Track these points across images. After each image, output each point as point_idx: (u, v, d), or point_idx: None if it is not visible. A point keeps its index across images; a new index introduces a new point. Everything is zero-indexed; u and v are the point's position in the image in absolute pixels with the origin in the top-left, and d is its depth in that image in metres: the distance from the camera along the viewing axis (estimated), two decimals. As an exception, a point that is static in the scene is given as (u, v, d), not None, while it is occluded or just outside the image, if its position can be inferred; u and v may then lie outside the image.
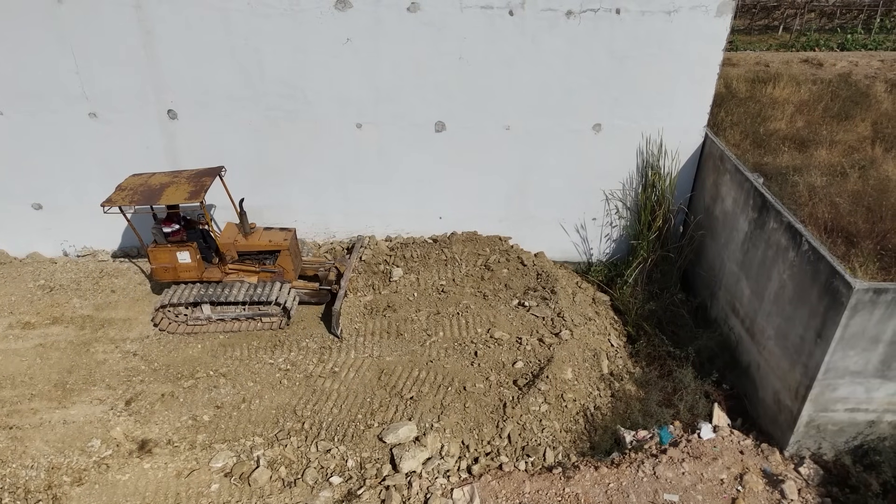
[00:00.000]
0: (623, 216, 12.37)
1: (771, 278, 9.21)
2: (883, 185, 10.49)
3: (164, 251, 10.45)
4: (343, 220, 12.29)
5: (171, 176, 10.59)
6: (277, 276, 11.05)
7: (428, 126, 11.49)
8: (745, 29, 20.36)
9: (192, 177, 10.52)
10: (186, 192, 10.04)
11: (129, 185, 10.44)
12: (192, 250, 10.46)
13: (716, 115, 12.62)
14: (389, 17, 10.44)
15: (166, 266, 10.54)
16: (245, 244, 10.96)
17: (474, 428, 9.06)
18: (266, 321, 10.77)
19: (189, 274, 10.65)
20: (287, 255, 11.01)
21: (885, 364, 7.94)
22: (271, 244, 10.95)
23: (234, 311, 10.75)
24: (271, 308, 10.69)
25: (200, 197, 9.86)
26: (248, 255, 11.06)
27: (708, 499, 8.21)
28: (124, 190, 10.28)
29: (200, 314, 10.72)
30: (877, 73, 15.92)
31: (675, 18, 10.35)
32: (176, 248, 10.42)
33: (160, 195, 10.00)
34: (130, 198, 10.05)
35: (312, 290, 11.34)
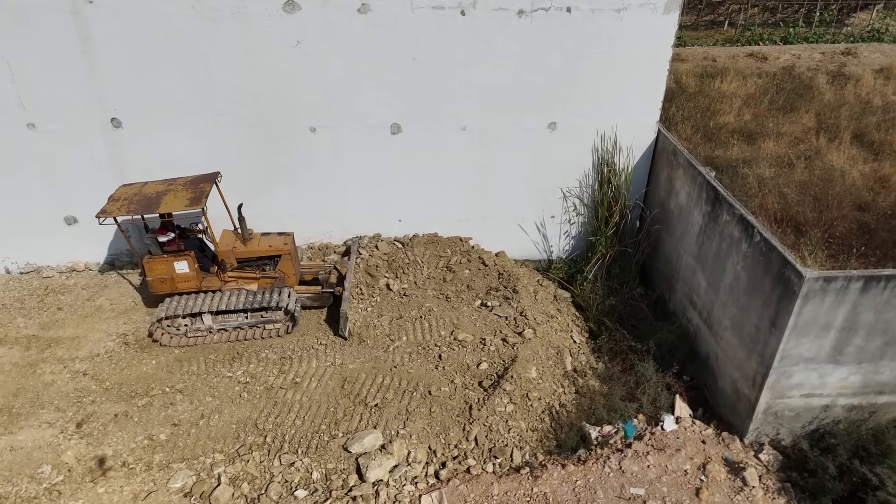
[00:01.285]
0: (581, 213, 12.47)
1: (726, 270, 9.39)
2: (828, 174, 10.84)
3: (161, 262, 10.10)
4: (299, 225, 12.04)
5: (166, 184, 10.27)
6: (279, 281, 10.82)
7: (383, 128, 11.36)
8: (692, 25, 20.81)
9: (188, 184, 10.21)
10: (186, 199, 9.73)
11: (121, 195, 10.08)
12: (190, 260, 10.15)
13: (667, 111, 12.84)
14: (339, 18, 10.26)
15: (163, 277, 10.20)
16: (245, 251, 10.71)
17: (441, 432, 8.98)
18: (270, 328, 10.50)
19: (187, 284, 10.34)
20: (288, 260, 10.81)
21: (836, 350, 8.17)
22: (272, 249, 10.74)
23: (237, 319, 10.47)
24: (275, 314, 10.46)
25: (202, 203, 9.60)
26: (248, 262, 10.82)
27: (673, 490, 8.32)
28: (118, 200, 9.91)
29: (201, 325, 10.39)
30: (818, 66, 16.45)
31: (625, 16, 10.47)
32: (173, 258, 10.09)
33: (158, 203, 9.68)
34: (127, 208, 9.71)
35: (315, 294, 11.12)
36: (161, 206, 9.68)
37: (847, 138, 12.11)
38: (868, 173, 10.88)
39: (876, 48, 18.12)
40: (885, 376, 8.44)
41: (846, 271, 7.69)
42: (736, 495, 8.24)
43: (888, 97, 14.29)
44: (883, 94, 14.44)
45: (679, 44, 17.70)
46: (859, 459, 8.17)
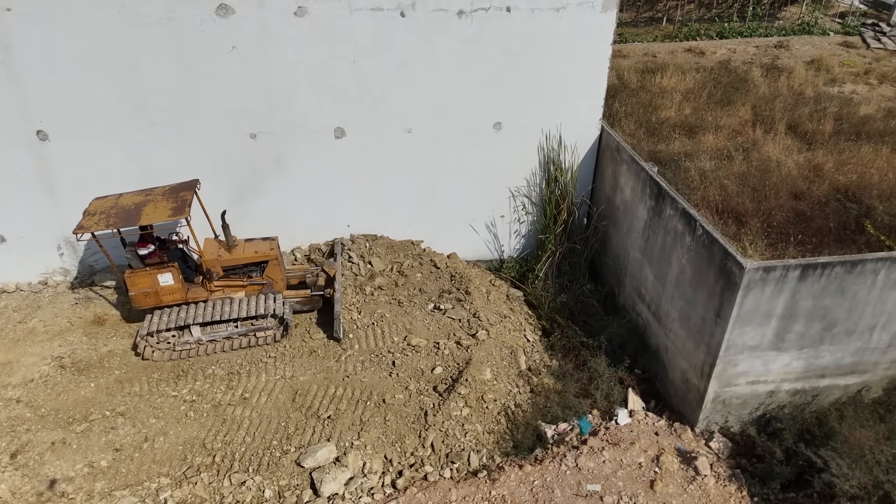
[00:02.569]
0: (529, 212, 12.51)
1: (671, 263, 9.55)
2: (765, 165, 11.13)
3: (144, 276, 9.73)
4: (241, 236, 11.70)
5: (143, 195, 9.92)
6: (266, 287, 10.52)
7: (327, 133, 11.14)
8: (631, 21, 21.16)
9: (167, 193, 9.84)
10: (168, 209, 9.41)
11: (97, 208, 9.69)
12: (174, 271, 9.83)
13: (611, 107, 12.99)
14: (276, 22, 10.00)
15: (147, 291, 9.83)
16: (230, 258, 10.41)
17: (396, 441, 8.85)
18: (261, 335, 10.24)
19: (173, 297, 10.01)
20: (275, 265, 10.58)
21: (778, 337, 8.39)
22: (258, 255, 10.49)
23: (226, 329, 10.16)
24: (266, 321, 10.22)
25: (185, 212, 9.29)
26: (234, 270, 10.50)
27: (628, 484, 8.40)
28: (94, 215, 9.51)
29: (189, 337, 10.05)
30: (753, 59, 16.94)
31: (564, 15, 10.52)
32: (156, 270, 9.75)
33: (139, 215, 9.34)
34: (105, 222, 9.34)
35: (305, 298, 10.90)
36: (142, 217, 9.32)
37: (782, 129, 12.47)
38: (802, 163, 11.22)
39: (806, 41, 18.79)
40: (825, 360, 8.72)
41: (784, 261, 7.90)
42: (689, 485, 8.37)
43: (819, 88, 14.81)
44: (814, 85, 14.95)
45: (620, 40, 18.00)
46: (804, 443, 8.42)
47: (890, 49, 18.10)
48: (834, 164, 11.05)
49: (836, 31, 19.66)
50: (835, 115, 12.91)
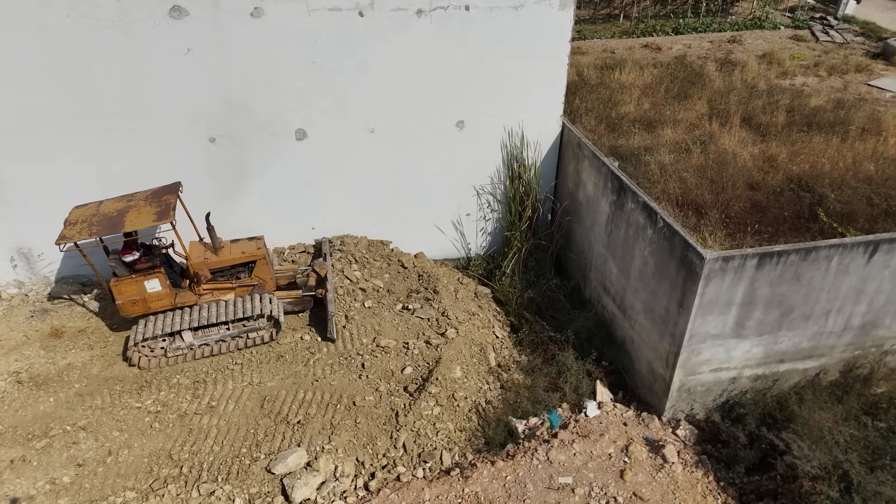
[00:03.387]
0: (495, 209, 12.57)
1: (634, 256, 9.70)
2: (722, 157, 11.39)
3: (130, 283, 9.49)
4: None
5: (125, 201, 9.67)
6: (257, 288, 10.39)
7: (288, 135, 11.01)
8: (589, 19, 21.44)
9: (149, 198, 9.61)
10: (152, 214, 9.19)
11: (78, 217, 9.43)
12: (161, 277, 9.60)
13: (571, 103, 13.13)
14: (232, 23, 9.83)
15: (134, 299, 9.61)
16: (217, 260, 10.20)
17: (368, 443, 8.81)
18: (253, 336, 10.15)
19: (161, 303, 9.81)
20: (264, 265, 10.42)
21: (738, 325, 8.60)
22: (245, 255, 10.30)
23: (218, 332, 10.00)
24: (259, 322, 10.11)
25: (170, 216, 9.08)
26: (221, 272, 10.30)
27: (599, 475, 8.52)
28: (75, 224, 9.24)
29: (181, 343, 9.86)
30: (707, 54, 17.32)
31: (522, 13, 10.59)
32: (143, 277, 9.52)
33: (122, 222, 9.13)
34: (88, 230, 9.09)
35: (296, 299, 10.81)
36: (126, 224, 9.11)
37: (737, 122, 12.78)
38: (757, 154, 11.52)
39: (758, 35, 19.30)
40: (783, 346, 8.97)
41: (742, 250, 8.10)
42: (657, 473, 8.53)
43: (771, 81, 15.22)
44: (766, 78, 15.36)
45: (579, 37, 18.22)
46: (766, 427, 8.65)
47: (838, 42, 18.71)
48: (787, 155, 11.37)
49: (787, 26, 20.24)
50: (787, 107, 13.29)
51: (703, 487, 8.42)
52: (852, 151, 11.40)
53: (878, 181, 10.41)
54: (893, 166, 10.87)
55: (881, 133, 12.09)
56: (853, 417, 8.64)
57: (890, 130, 12.18)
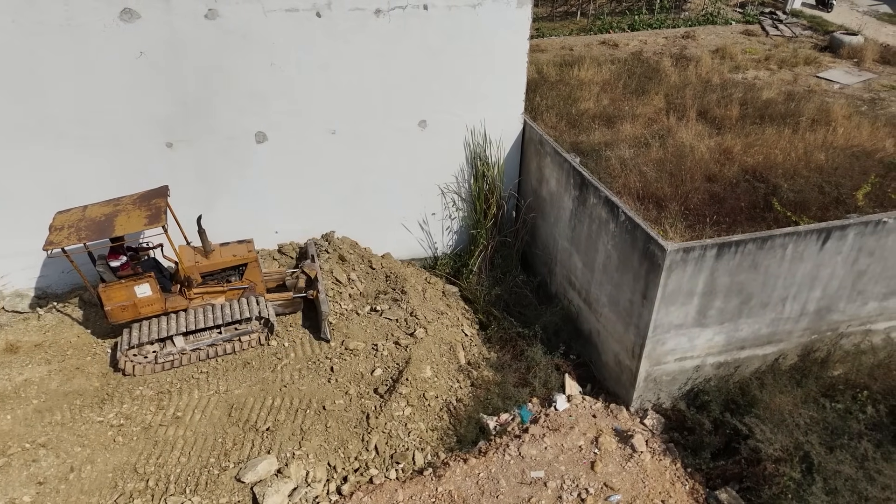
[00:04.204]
0: (460, 208, 12.60)
1: (598, 250, 9.84)
2: (680, 150, 11.62)
3: (119, 288, 9.28)
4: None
5: (111, 205, 9.51)
6: (247, 291, 10.30)
7: (247, 138, 10.84)
8: (547, 16, 21.64)
9: (137, 202, 9.46)
10: (143, 217, 9.06)
11: (63, 222, 9.23)
12: (152, 282, 9.43)
13: (532, 100, 13.24)
14: (186, 26, 9.64)
15: (124, 304, 9.39)
16: (208, 264, 10.05)
17: (339, 447, 8.74)
18: (246, 339, 10.09)
19: (151, 308, 9.61)
20: (255, 267, 10.34)
21: (701, 314, 8.80)
22: (236, 258, 10.18)
23: (210, 336, 9.88)
24: (251, 325, 10.04)
25: (162, 220, 8.96)
26: (212, 276, 10.20)
27: (570, 468, 8.62)
28: (62, 229, 9.05)
29: (172, 348, 9.73)
30: (663, 50, 17.66)
31: (481, 11, 10.63)
32: (133, 282, 9.32)
33: (112, 226, 8.96)
34: (76, 235, 8.91)
35: (287, 301, 10.74)
36: (116, 228, 8.93)
37: (693, 116, 13.06)
38: (713, 147, 11.78)
39: (711, 30, 19.75)
40: (743, 333, 9.21)
41: (702, 241, 8.29)
42: (627, 462, 8.67)
43: (725, 75, 15.59)
44: (720, 72, 15.73)
45: (537, 35, 18.37)
46: (730, 412, 8.87)
47: (787, 36, 19.28)
48: (742, 147, 11.66)
49: (738, 21, 20.76)
50: (740, 100, 13.63)
51: (672, 474, 8.59)
52: (803, 142, 11.76)
53: (829, 170, 10.76)
54: (843, 156, 11.25)
55: (830, 123, 12.50)
56: (812, 400, 8.92)
57: (838, 121, 12.59)
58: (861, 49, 17.15)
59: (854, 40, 17.47)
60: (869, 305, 9.60)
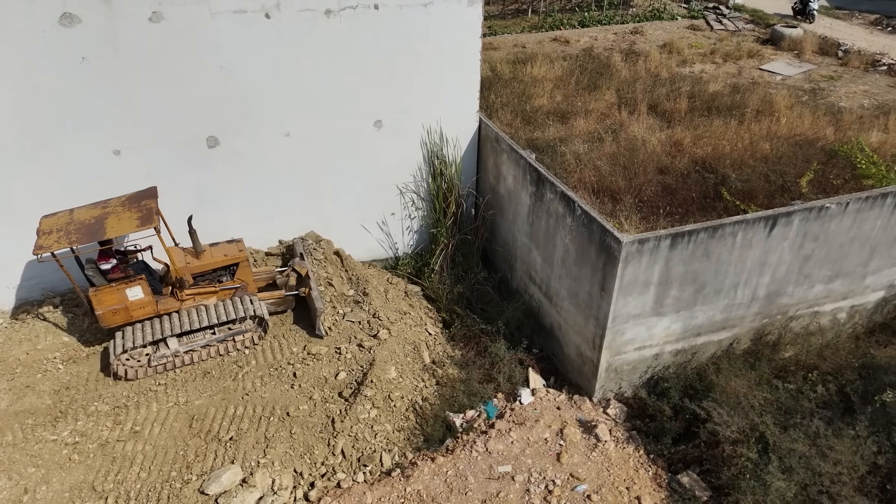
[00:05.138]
0: (419, 207, 12.60)
1: (556, 244, 9.96)
2: (632, 144, 11.89)
3: (111, 292, 9.17)
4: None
5: (99, 207, 9.34)
6: (239, 290, 10.26)
7: (199, 143, 10.60)
8: (499, 14, 21.81)
9: (126, 203, 9.32)
10: (134, 219, 8.96)
11: (51, 226, 9.02)
12: (144, 284, 9.33)
13: (487, 98, 13.35)
14: (129, 30, 9.36)
15: (116, 308, 9.29)
16: (199, 265, 9.97)
17: (305, 452, 8.65)
18: (240, 339, 10.08)
19: (143, 311, 9.55)
20: (246, 267, 10.33)
21: (657, 303, 9.01)
22: (228, 258, 10.13)
23: (204, 337, 9.82)
24: (245, 325, 10.02)
25: (154, 221, 8.88)
26: (203, 276, 10.11)
27: (537, 461, 8.72)
28: (51, 233, 8.85)
29: (166, 350, 9.64)
30: (613, 45, 18.00)
31: (432, 10, 10.64)
32: (125, 285, 9.22)
33: (103, 228, 8.85)
34: (67, 238, 8.72)
35: (279, 299, 10.73)
36: (108, 230, 8.81)
37: (644, 110, 13.38)
38: (664, 140, 12.10)
39: (658, 26, 20.23)
40: (699, 320, 9.47)
41: (656, 232, 8.48)
42: (592, 452, 8.82)
43: (673, 69, 16.00)
44: (668, 66, 16.13)
45: (489, 33, 18.49)
46: (689, 398, 9.11)
47: (731, 30, 19.87)
48: (691, 139, 12.00)
49: (683, 16, 21.31)
50: (688, 93, 14.02)
51: (635, 461, 8.77)
52: (749, 133, 12.17)
53: (774, 159, 11.16)
54: (786, 145, 11.69)
55: (774, 114, 12.96)
56: (765, 382, 9.24)
57: (782, 111, 13.07)
58: (801, 41, 17.81)
59: (794, 33, 18.13)
60: (815, 288, 9.98)
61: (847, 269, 9.97)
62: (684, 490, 8.34)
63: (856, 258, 9.90)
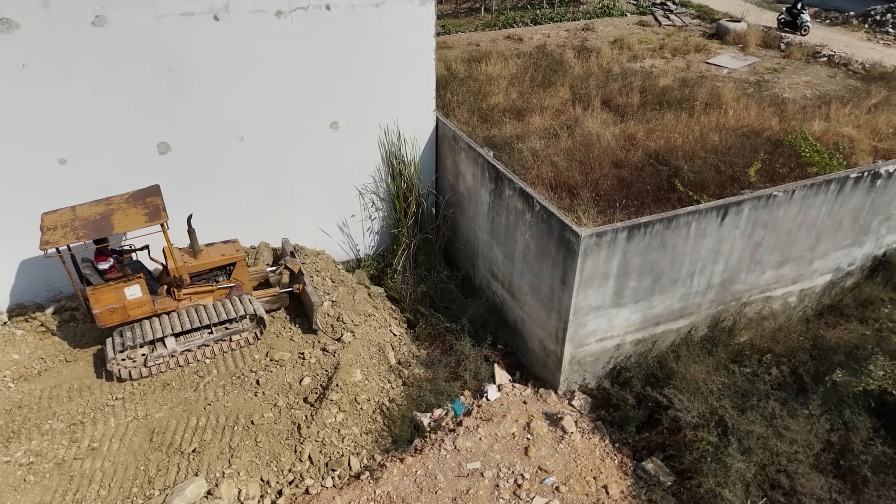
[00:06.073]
0: (379, 208, 12.54)
1: (517, 240, 10.05)
2: (587, 139, 12.05)
3: (109, 291, 9.11)
4: (62, 275, 10.60)
5: (103, 204, 9.37)
6: (234, 290, 10.29)
7: (149, 150, 10.33)
8: (452, 13, 21.87)
9: (131, 200, 9.37)
10: (142, 215, 9.00)
11: (55, 222, 8.96)
12: (142, 283, 9.31)
13: (443, 97, 13.35)
14: (72, 34, 9.06)
15: (113, 307, 9.22)
16: (197, 264, 9.99)
17: (271, 460, 8.52)
18: (237, 339, 10.08)
19: (141, 310, 9.50)
20: (242, 267, 10.38)
21: (617, 294, 9.17)
22: (225, 258, 10.18)
23: (201, 337, 9.82)
24: (242, 324, 10.03)
25: (162, 217, 8.93)
26: (199, 276, 10.12)
27: (505, 456, 8.79)
28: (55, 229, 8.81)
29: (163, 350, 9.56)
30: (565, 42, 18.23)
31: (384, 10, 10.60)
32: (123, 284, 9.17)
33: (110, 224, 8.88)
34: (74, 234, 8.73)
35: (274, 297, 10.81)
36: (115, 226, 8.84)
37: (597, 105, 13.58)
38: (618, 134, 12.31)
39: (609, 22, 20.58)
40: (657, 309, 9.68)
41: (613, 225, 8.63)
42: (558, 444, 8.93)
43: (624, 65, 16.30)
44: (619, 62, 16.43)
45: (443, 32, 18.52)
46: (650, 386, 9.30)
47: (678, 25, 20.35)
48: (644, 133, 12.23)
49: (632, 12, 21.73)
50: (640, 88, 14.29)
51: (601, 451, 8.92)
52: (699, 125, 12.47)
53: (723, 150, 11.47)
54: (734, 136, 12.02)
55: (721, 106, 13.32)
56: (722, 367, 9.51)
57: (729, 104, 13.44)
58: (745, 35, 18.36)
59: (738, 27, 18.68)
60: (767, 274, 10.32)
61: (795, 255, 10.34)
62: (649, 476, 8.52)
63: (803, 243, 10.27)
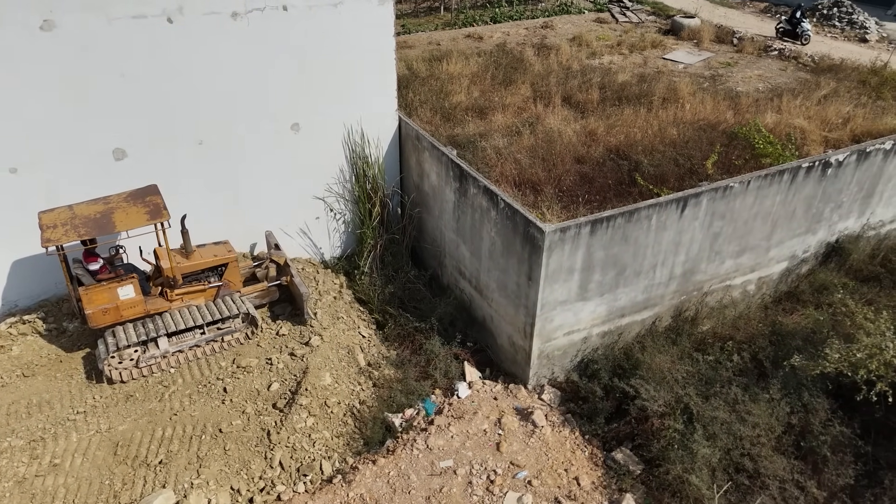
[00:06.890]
0: (344, 209, 12.45)
1: (483, 238, 10.10)
2: (549, 136, 12.18)
3: (102, 291, 9.09)
4: (22, 284, 10.26)
5: (101, 203, 9.34)
6: (224, 289, 10.36)
7: (104, 156, 10.06)
8: (412, 12, 21.84)
9: (130, 199, 9.37)
10: (143, 213, 9.03)
11: (55, 220, 8.88)
12: (135, 283, 9.30)
13: (405, 97, 13.33)
14: (18, 40, 8.76)
15: (106, 307, 9.20)
16: (189, 265, 10.01)
17: (241, 468, 8.40)
18: (229, 338, 10.11)
19: (133, 310, 9.51)
20: (234, 267, 10.48)
21: (582, 288, 9.30)
22: (217, 259, 10.25)
23: (193, 337, 9.86)
24: (234, 323, 10.10)
25: (164, 215, 9.02)
26: (191, 277, 10.15)
27: (477, 452, 8.83)
28: (55, 227, 8.74)
29: (155, 351, 9.58)
30: (525, 40, 18.38)
31: (342, 10, 10.53)
32: (116, 284, 9.15)
33: (111, 222, 8.88)
34: (76, 231, 8.69)
35: (263, 292, 10.89)
36: (117, 224, 8.87)
37: (558, 102, 13.74)
38: (579, 130, 12.47)
39: (567, 20, 20.82)
40: (622, 301, 9.85)
41: (576, 220, 8.75)
42: (529, 438, 9.02)
43: (583, 61, 16.51)
44: (578, 59, 16.64)
45: (403, 31, 18.49)
46: (618, 377, 9.45)
47: (634, 22, 20.70)
48: (604, 128, 12.43)
49: (590, 10, 22.02)
50: (599, 84, 14.51)
51: (571, 443, 9.03)
52: (657, 119, 12.73)
53: (681, 144, 11.73)
54: (691, 129, 12.31)
55: (678, 101, 13.61)
56: (687, 355, 9.72)
57: (685, 98, 13.75)
58: (699, 31, 18.79)
59: (692, 23, 19.10)
60: (726, 263, 10.59)
61: (753, 244, 10.63)
62: (619, 466, 8.67)
63: (760, 232, 10.57)
